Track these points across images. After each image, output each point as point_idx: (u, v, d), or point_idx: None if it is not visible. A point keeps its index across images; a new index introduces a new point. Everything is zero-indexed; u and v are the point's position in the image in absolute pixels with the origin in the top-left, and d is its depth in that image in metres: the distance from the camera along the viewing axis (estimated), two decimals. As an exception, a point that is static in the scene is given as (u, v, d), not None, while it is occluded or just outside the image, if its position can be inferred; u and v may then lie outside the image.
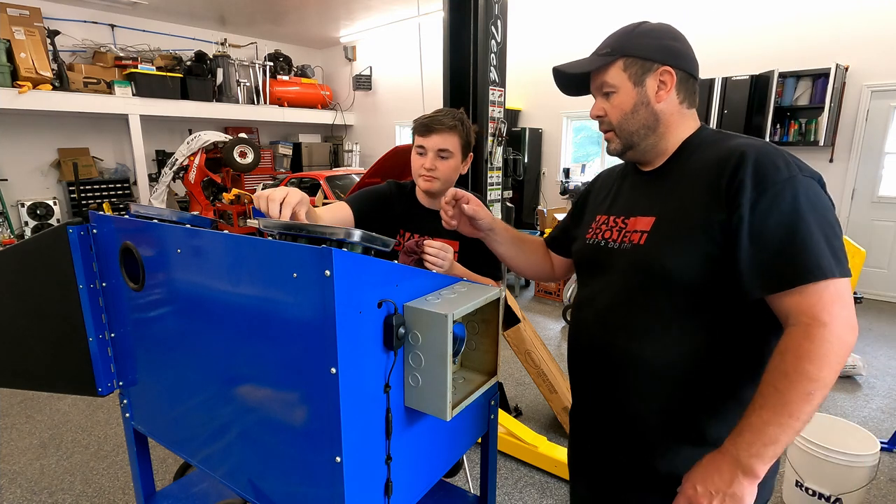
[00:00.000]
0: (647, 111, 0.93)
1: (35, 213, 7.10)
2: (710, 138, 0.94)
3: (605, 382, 0.98)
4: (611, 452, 1.00)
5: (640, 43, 0.92)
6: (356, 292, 0.69)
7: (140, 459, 1.20)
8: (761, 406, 0.76)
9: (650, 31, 0.93)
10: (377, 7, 7.63)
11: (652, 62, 0.91)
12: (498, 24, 2.74)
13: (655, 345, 0.89)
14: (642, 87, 0.92)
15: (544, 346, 2.85)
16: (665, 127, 0.94)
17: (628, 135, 0.96)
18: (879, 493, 2.26)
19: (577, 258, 1.11)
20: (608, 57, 0.94)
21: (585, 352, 1.02)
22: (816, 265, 0.74)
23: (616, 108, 0.95)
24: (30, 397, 3.18)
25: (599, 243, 1.01)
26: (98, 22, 7.61)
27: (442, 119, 1.39)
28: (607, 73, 0.94)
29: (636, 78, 0.92)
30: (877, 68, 4.71)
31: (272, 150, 9.50)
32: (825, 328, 0.73)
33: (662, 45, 0.92)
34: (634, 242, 0.93)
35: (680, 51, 0.93)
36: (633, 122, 0.94)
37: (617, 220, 1.00)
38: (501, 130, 2.92)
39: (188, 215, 0.97)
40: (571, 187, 6.20)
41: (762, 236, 0.78)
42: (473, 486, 2.20)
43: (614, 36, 0.96)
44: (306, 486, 0.78)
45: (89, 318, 1.08)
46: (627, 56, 0.92)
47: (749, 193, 0.79)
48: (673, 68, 0.91)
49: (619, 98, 0.94)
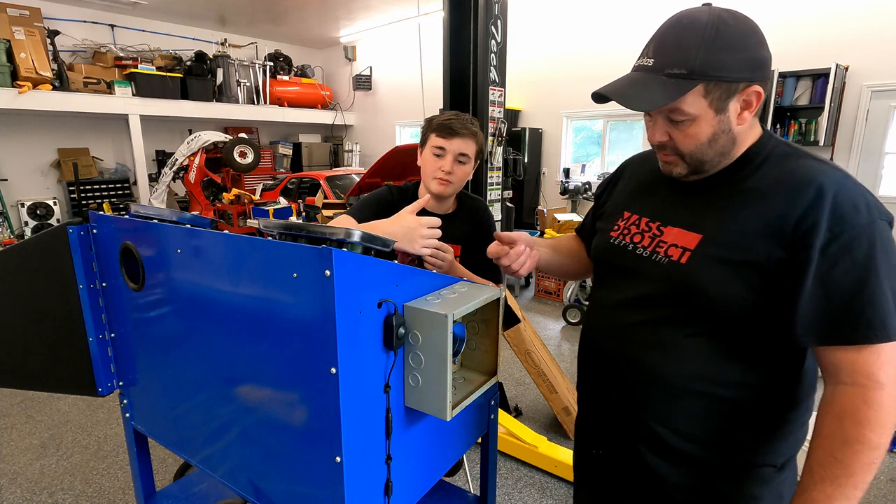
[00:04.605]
0: (727, 138, 0.79)
1: (35, 213, 7.09)
2: (777, 153, 0.81)
3: (621, 397, 0.93)
4: (621, 465, 0.96)
5: (726, 59, 0.73)
6: (356, 292, 0.69)
7: (140, 459, 1.20)
8: (822, 479, 0.70)
9: (736, 41, 0.74)
10: (377, 7, 7.63)
11: (738, 83, 0.75)
12: (498, 24, 2.74)
13: (682, 366, 0.83)
14: (725, 114, 0.77)
15: (544, 346, 2.85)
16: (737, 147, 0.82)
17: (699, 162, 0.82)
18: (879, 493, 2.26)
19: (598, 255, 1.01)
20: (685, 82, 0.74)
21: (601, 361, 0.96)
22: (881, 325, 0.68)
23: (689, 138, 0.79)
24: (30, 397, 3.18)
25: (626, 246, 0.92)
26: (98, 22, 7.60)
27: (466, 124, 1.39)
28: (683, 102, 0.76)
29: (718, 104, 0.76)
30: (877, 68, 4.71)
31: (272, 150, 9.49)
32: (883, 391, 0.68)
33: (752, 57, 0.74)
34: (673, 259, 0.83)
35: (768, 60, 0.76)
36: (710, 151, 0.80)
37: (650, 224, 0.90)
38: (501, 130, 2.92)
39: (188, 215, 0.97)
40: (571, 187, 6.21)
41: (828, 284, 0.70)
42: (473, 486, 2.20)
43: (686, 44, 0.74)
44: (306, 486, 0.78)
45: (89, 318, 1.08)
46: (710, 79, 0.74)
47: (822, 235, 0.70)
48: (760, 83, 0.76)
49: (695, 127, 0.78)
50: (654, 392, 0.87)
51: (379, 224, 1.11)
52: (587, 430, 1.08)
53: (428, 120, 1.45)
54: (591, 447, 1.05)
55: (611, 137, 6.70)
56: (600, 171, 6.80)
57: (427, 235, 1.11)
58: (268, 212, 5.91)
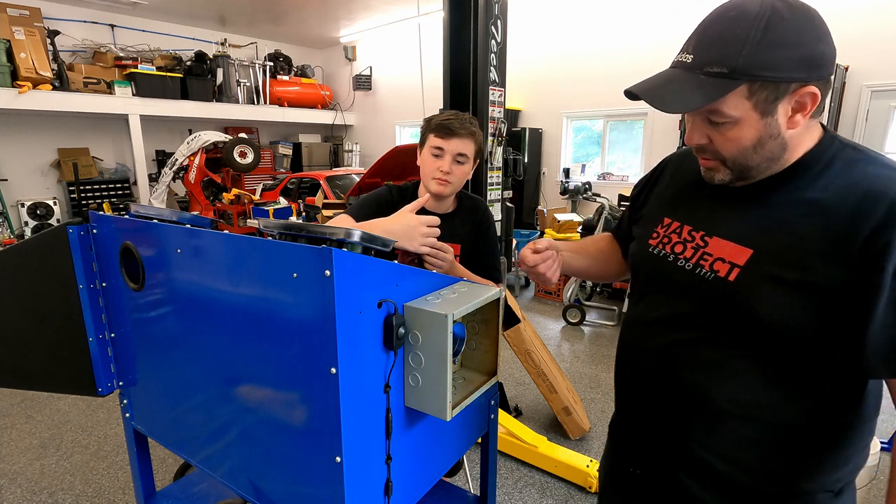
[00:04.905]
0: (776, 143, 0.71)
1: (35, 213, 7.09)
2: (841, 158, 0.72)
3: (662, 419, 0.87)
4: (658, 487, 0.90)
5: (775, 56, 0.64)
6: (356, 292, 0.69)
7: (140, 459, 1.20)
8: None
9: (789, 35, 0.65)
10: (377, 7, 7.63)
11: (789, 83, 0.66)
12: (498, 24, 2.74)
13: (726, 389, 0.77)
14: (773, 117, 0.68)
15: (544, 346, 2.86)
16: (791, 151, 0.73)
17: (745, 169, 0.74)
18: (880, 493, 2.26)
19: (635, 264, 0.94)
20: (725, 81, 0.66)
21: (640, 380, 0.90)
22: None
23: (731, 142, 0.71)
24: (30, 397, 3.18)
25: (667, 256, 0.84)
26: (98, 22, 7.60)
27: (465, 123, 1.38)
28: (723, 103, 0.68)
29: (766, 106, 0.68)
30: (877, 68, 4.71)
31: (272, 150, 9.50)
32: None
33: (808, 54, 0.65)
34: (720, 275, 0.76)
35: (829, 56, 0.67)
36: (755, 157, 0.72)
37: (694, 233, 0.82)
38: (501, 130, 2.92)
39: (188, 215, 0.97)
40: (571, 187, 6.20)
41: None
42: (473, 486, 2.20)
43: (728, 40, 0.66)
44: (306, 486, 0.78)
45: (89, 318, 1.08)
46: (755, 79, 0.66)
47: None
48: (817, 83, 0.67)
49: (737, 130, 0.70)
50: (696, 415, 0.81)
51: (378, 223, 1.12)
52: (625, 444, 1.00)
53: (427, 120, 1.45)
54: (629, 464, 0.98)
55: (611, 137, 6.70)
56: (600, 170, 6.80)
57: (426, 234, 1.10)
58: (268, 212, 5.92)
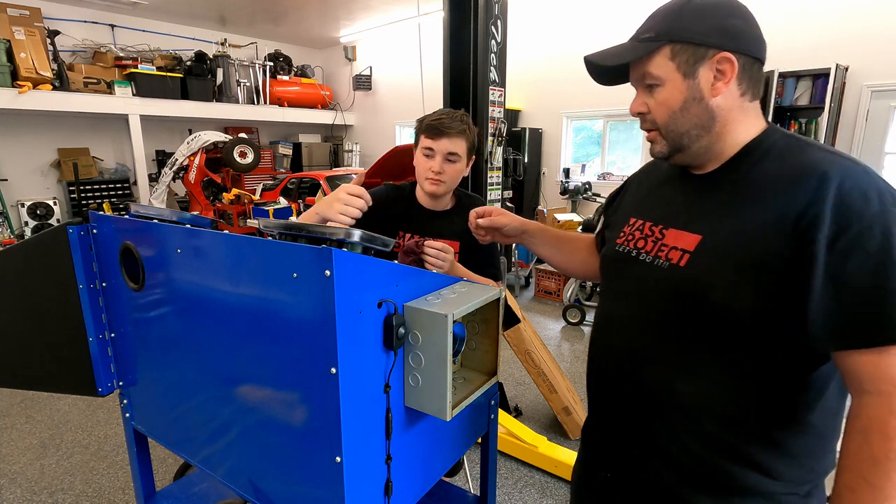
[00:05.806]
0: (701, 108, 0.78)
1: (35, 213, 7.09)
2: (781, 145, 0.78)
3: (629, 416, 0.88)
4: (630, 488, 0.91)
5: (692, 23, 0.75)
6: (356, 292, 0.69)
7: (140, 459, 1.20)
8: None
9: (703, 7, 0.76)
10: (377, 7, 7.63)
11: (706, 47, 0.75)
12: (498, 24, 2.74)
13: (692, 381, 0.79)
14: (694, 80, 0.77)
15: (544, 346, 2.86)
16: (722, 125, 0.79)
17: (677, 136, 0.81)
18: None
19: (604, 263, 0.98)
20: (651, 43, 0.78)
21: (610, 379, 0.92)
22: None
23: (661, 105, 0.80)
24: (30, 397, 3.18)
25: (631, 252, 0.88)
26: (98, 22, 7.59)
27: (452, 123, 1.38)
28: (650, 63, 0.79)
29: (687, 68, 0.76)
30: (877, 68, 4.71)
31: (272, 150, 9.49)
32: None
33: (720, 24, 0.75)
34: (673, 262, 0.80)
35: (742, 30, 0.76)
36: (683, 121, 0.79)
37: (653, 228, 0.87)
38: (501, 130, 2.92)
39: (188, 215, 0.97)
40: (571, 187, 6.20)
41: (840, 282, 0.65)
42: (473, 486, 2.20)
43: (659, 14, 0.79)
44: (306, 486, 0.78)
45: (89, 318, 1.08)
46: (675, 41, 0.76)
47: (827, 228, 0.65)
48: (734, 53, 0.74)
49: (664, 93, 0.79)
50: (663, 412, 0.82)
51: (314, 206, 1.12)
52: (596, 447, 1.01)
53: (419, 120, 1.45)
54: (600, 468, 0.98)
55: (611, 137, 6.70)
56: (600, 170, 6.80)
57: (345, 201, 1.06)
58: (268, 212, 5.92)
